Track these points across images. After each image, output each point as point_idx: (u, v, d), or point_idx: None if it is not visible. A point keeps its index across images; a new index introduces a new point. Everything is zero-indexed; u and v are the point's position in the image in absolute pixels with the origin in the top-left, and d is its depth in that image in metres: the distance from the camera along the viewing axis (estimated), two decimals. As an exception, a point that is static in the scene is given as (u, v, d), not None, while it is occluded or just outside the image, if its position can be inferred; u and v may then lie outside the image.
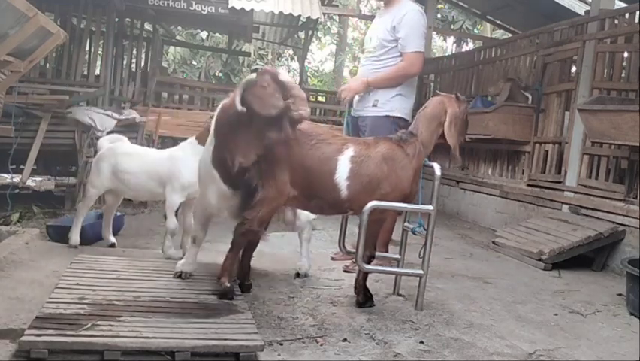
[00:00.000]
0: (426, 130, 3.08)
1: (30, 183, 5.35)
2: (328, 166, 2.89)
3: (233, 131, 2.76)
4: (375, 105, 3.81)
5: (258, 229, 2.88)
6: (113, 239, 4.09)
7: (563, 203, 5.35)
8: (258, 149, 2.73)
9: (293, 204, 3.12)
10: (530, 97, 6.12)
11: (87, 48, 7.78)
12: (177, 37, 13.45)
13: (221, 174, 2.86)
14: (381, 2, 4.05)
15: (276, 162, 2.81)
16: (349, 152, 2.92)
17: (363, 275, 3.13)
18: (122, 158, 3.82)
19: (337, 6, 11.33)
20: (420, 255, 3.09)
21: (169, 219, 3.69)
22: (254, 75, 2.75)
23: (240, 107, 2.62)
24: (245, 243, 2.95)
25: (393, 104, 3.79)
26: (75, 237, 3.87)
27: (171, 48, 14.43)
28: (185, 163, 3.57)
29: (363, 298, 3.10)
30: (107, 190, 3.96)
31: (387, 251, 3.72)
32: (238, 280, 3.08)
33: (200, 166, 3.08)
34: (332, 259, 4.11)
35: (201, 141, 3.37)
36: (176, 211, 3.77)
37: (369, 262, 3.08)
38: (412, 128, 3.13)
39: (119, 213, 4.59)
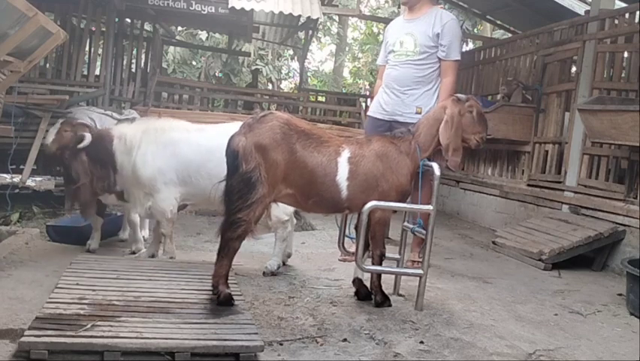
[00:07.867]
0: (425, 132, 3.10)
1: (30, 183, 5.33)
2: (330, 167, 2.92)
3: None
4: (419, 113, 3.85)
5: (253, 229, 2.86)
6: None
7: (563, 203, 5.34)
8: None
9: (288, 202, 3.14)
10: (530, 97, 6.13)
11: (87, 48, 7.79)
12: (177, 37, 13.44)
13: None
14: (405, 6, 4.10)
15: (274, 160, 2.81)
16: (346, 153, 2.96)
17: (377, 276, 3.14)
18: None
19: (337, 6, 11.29)
20: (419, 255, 3.09)
21: None
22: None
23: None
24: (239, 246, 2.86)
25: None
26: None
27: (171, 48, 14.38)
28: None
29: (382, 298, 3.11)
30: None
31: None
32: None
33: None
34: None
35: None
36: None
37: (380, 262, 3.09)
38: (412, 128, 3.15)
39: (119, 214, 4.58)
